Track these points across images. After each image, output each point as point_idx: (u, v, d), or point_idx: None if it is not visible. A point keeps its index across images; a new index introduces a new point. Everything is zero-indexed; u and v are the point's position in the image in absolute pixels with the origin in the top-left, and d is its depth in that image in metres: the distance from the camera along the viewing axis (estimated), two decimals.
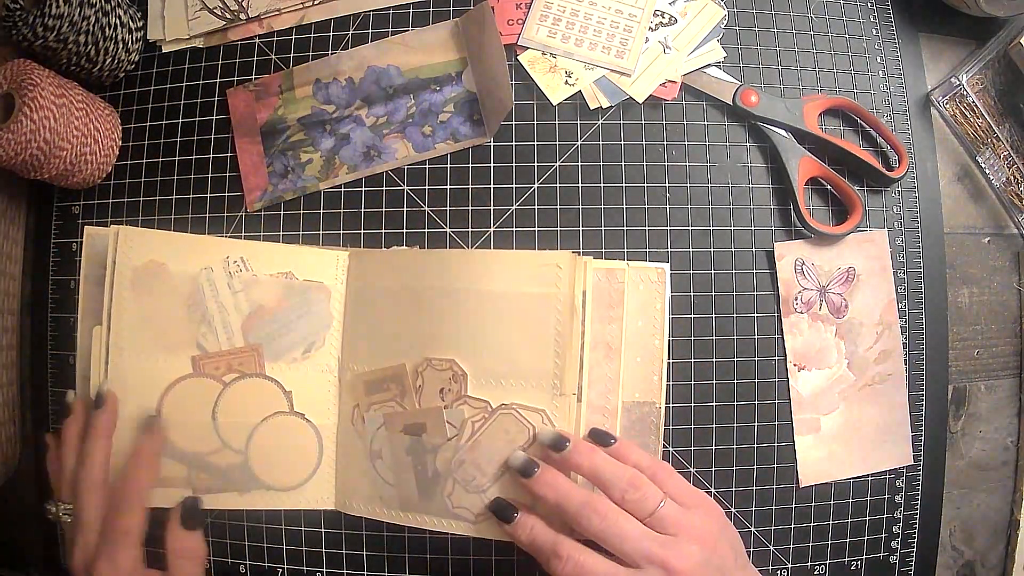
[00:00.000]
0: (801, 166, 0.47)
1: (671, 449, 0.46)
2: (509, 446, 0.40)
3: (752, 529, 0.47)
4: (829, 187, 0.49)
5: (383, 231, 0.49)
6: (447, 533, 0.43)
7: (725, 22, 0.50)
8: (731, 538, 0.38)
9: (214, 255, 0.44)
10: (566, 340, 0.40)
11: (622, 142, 0.49)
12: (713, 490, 0.47)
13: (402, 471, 0.43)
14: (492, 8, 0.48)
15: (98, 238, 0.46)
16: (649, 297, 0.46)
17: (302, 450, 0.44)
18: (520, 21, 0.50)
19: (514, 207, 0.48)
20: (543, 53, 0.49)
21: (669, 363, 0.46)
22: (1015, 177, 0.50)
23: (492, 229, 0.48)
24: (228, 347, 0.43)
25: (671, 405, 0.46)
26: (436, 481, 0.42)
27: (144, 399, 0.42)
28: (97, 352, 0.42)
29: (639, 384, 0.46)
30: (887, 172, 0.48)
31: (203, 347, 0.43)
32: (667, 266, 0.47)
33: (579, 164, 0.49)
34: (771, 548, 0.47)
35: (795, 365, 0.47)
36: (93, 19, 0.47)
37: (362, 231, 0.49)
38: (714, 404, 0.47)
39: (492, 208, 0.48)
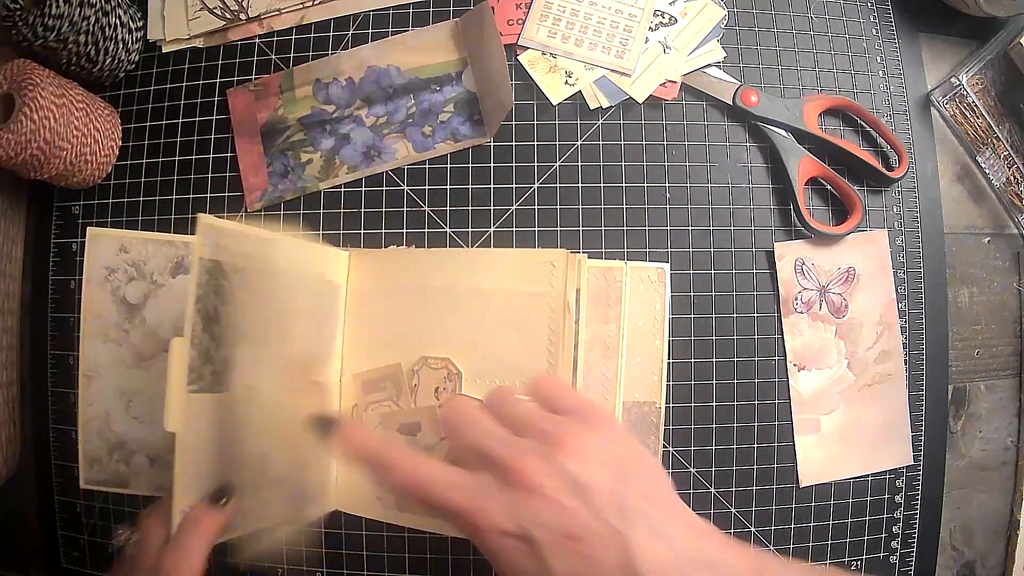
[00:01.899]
0: (801, 166, 0.47)
1: (671, 449, 0.46)
2: None
3: (752, 529, 0.47)
4: (829, 187, 0.49)
5: (383, 231, 0.49)
6: (445, 534, 0.43)
7: (725, 22, 0.50)
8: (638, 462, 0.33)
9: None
10: (559, 338, 0.40)
11: (622, 142, 0.49)
12: (713, 490, 0.47)
13: None
14: (492, 8, 0.48)
15: (101, 239, 0.46)
16: (649, 297, 0.46)
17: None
18: (520, 21, 0.50)
19: (514, 207, 0.48)
20: (543, 53, 0.49)
21: (669, 363, 0.46)
22: (1015, 177, 0.50)
23: (492, 229, 0.48)
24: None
25: (671, 405, 0.46)
26: None
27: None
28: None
29: (639, 384, 0.46)
30: (887, 172, 0.48)
31: None
32: (667, 266, 0.47)
33: (579, 164, 0.49)
34: (771, 548, 0.47)
35: (795, 365, 0.47)
36: (93, 19, 0.47)
37: (362, 231, 0.49)
38: (714, 404, 0.47)
39: (492, 208, 0.48)
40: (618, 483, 0.30)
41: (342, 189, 0.49)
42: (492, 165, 0.49)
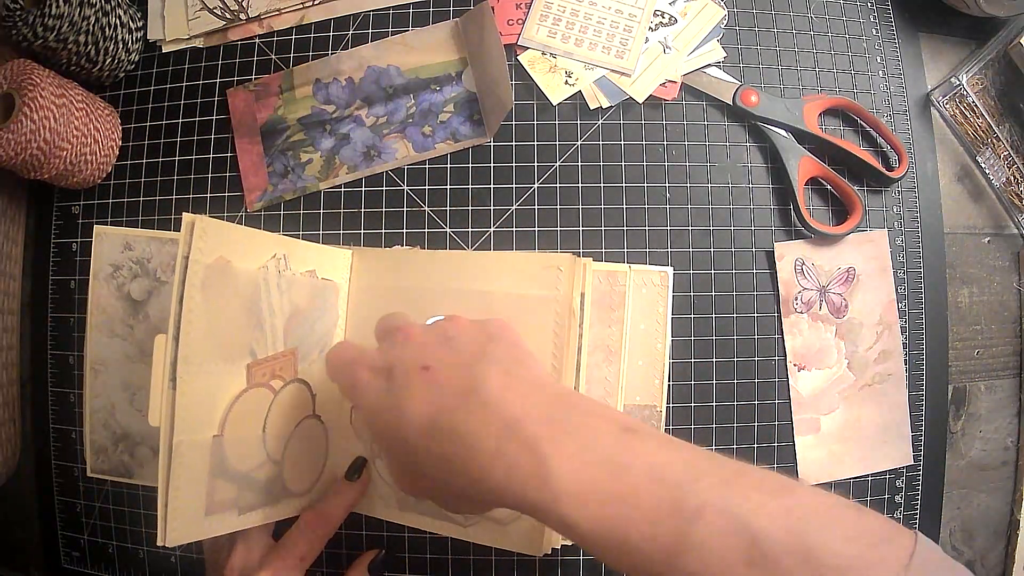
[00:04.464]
0: (801, 166, 0.47)
1: None
2: None
3: None
4: (829, 187, 0.49)
5: (383, 231, 0.49)
6: (445, 534, 0.43)
7: (725, 22, 0.50)
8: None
9: (266, 252, 0.39)
10: (564, 343, 0.39)
11: (622, 142, 0.49)
12: None
13: None
14: (492, 8, 0.48)
15: (107, 237, 0.46)
16: (652, 301, 0.46)
17: (316, 453, 0.44)
18: (520, 21, 0.50)
19: (514, 207, 0.48)
20: (543, 53, 0.49)
21: (669, 363, 0.46)
22: (1015, 177, 0.50)
23: (492, 229, 0.48)
24: (272, 352, 0.40)
25: (671, 405, 0.46)
26: None
27: (208, 417, 0.36)
28: (161, 364, 0.34)
29: (640, 387, 0.46)
30: (887, 172, 0.48)
31: (255, 354, 0.39)
32: (671, 270, 0.47)
33: (579, 164, 0.49)
34: None
35: (795, 365, 0.47)
36: (93, 19, 0.47)
37: (362, 231, 0.49)
38: (714, 404, 0.47)
39: (492, 208, 0.48)
40: (484, 343, 0.32)
41: (342, 189, 0.49)
42: (492, 165, 0.49)
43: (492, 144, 0.49)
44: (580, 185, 0.48)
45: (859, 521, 0.26)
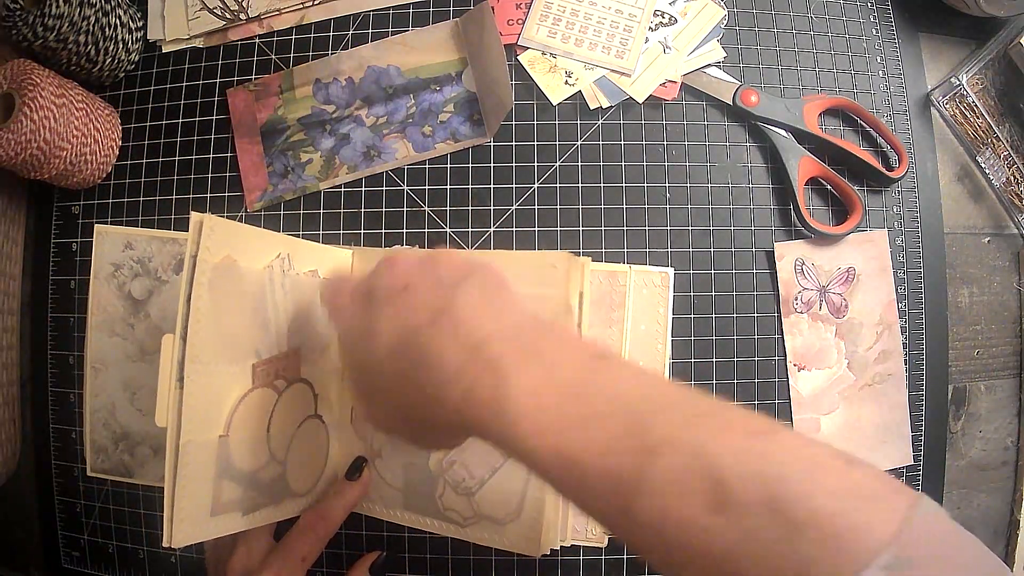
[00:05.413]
0: (801, 166, 0.47)
1: None
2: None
3: None
4: (829, 187, 0.49)
5: (383, 231, 0.49)
6: (445, 535, 0.43)
7: (725, 22, 0.50)
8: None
9: (271, 251, 0.39)
10: None
11: (622, 142, 0.49)
12: None
13: (398, 471, 0.43)
14: (492, 8, 0.48)
15: (108, 236, 0.46)
16: (652, 301, 0.46)
17: (318, 453, 0.44)
18: (520, 21, 0.50)
19: (514, 207, 0.48)
20: (543, 53, 0.49)
21: (670, 363, 0.46)
22: (1015, 177, 0.50)
23: (492, 229, 0.48)
24: (276, 352, 0.39)
25: None
26: (428, 482, 0.42)
27: (214, 417, 0.36)
28: (168, 363, 0.33)
29: None
30: (887, 172, 0.48)
31: (260, 354, 0.38)
32: (671, 270, 0.47)
33: (579, 164, 0.49)
34: None
35: (795, 365, 0.47)
36: (93, 19, 0.47)
37: (362, 231, 0.49)
38: None
39: (492, 208, 0.48)
40: (467, 271, 0.31)
41: (342, 189, 0.49)
42: (492, 165, 0.49)
43: (492, 144, 0.49)
44: (580, 185, 0.48)
45: (848, 474, 0.22)
